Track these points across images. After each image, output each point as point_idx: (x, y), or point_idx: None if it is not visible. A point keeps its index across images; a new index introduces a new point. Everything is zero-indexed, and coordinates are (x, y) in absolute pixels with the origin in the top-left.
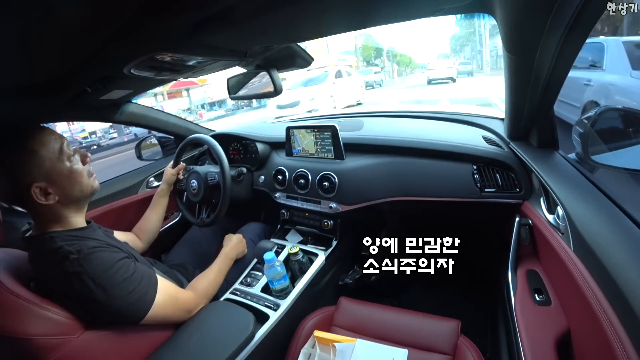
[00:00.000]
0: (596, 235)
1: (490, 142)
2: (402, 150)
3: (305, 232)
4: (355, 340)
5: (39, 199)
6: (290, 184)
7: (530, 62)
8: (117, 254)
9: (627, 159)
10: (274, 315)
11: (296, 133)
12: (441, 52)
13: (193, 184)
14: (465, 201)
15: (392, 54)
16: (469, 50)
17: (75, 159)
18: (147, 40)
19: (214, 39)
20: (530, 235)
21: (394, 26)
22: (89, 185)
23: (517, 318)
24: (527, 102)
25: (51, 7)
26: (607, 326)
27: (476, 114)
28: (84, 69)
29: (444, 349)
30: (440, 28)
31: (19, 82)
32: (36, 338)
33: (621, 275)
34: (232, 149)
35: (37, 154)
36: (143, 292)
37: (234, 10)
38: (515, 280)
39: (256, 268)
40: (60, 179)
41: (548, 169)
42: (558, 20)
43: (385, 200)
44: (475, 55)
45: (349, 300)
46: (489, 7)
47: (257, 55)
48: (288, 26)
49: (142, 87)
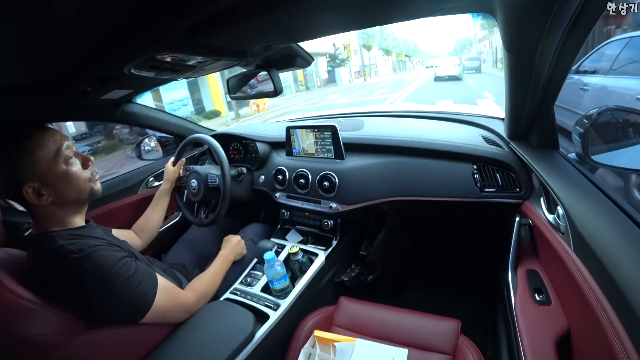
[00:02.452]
0: (596, 235)
1: (490, 142)
2: (402, 150)
3: (305, 232)
4: (355, 340)
5: (31, 199)
6: (291, 184)
7: (530, 62)
8: (118, 253)
9: (627, 159)
10: (274, 315)
11: (296, 133)
12: (450, 47)
13: (193, 184)
14: (465, 201)
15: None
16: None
17: (74, 161)
18: (147, 40)
19: (214, 39)
20: (530, 235)
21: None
22: (86, 188)
23: (517, 318)
24: (527, 102)
25: (51, 6)
26: (607, 326)
27: (476, 114)
28: (84, 69)
29: (444, 348)
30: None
31: (19, 82)
32: (36, 338)
33: (621, 275)
34: (232, 149)
35: (33, 155)
36: (144, 291)
37: (234, 10)
38: (515, 280)
39: (256, 268)
40: (55, 180)
41: (548, 169)
42: (558, 20)
43: (385, 200)
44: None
45: (349, 300)
46: (489, 7)
47: (257, 55)
48: (288, 26)
49: (142, 87)
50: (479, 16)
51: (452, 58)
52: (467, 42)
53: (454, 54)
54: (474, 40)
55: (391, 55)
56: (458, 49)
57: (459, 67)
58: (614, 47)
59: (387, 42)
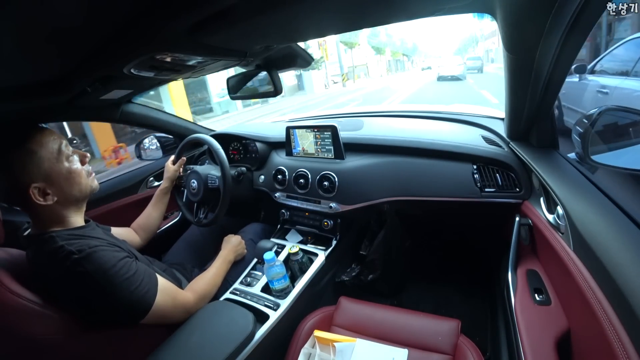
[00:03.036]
0: (596, 235)
1: (490, 142)
2: (402, 150)
3: (305, 232)
4: (355, 340)
5: (38, 199)
6: (290, 184)
7: (530, 62)
8: (118, 254)
9: (627, 159)
10: (274, 315)
11: (296, 133)
12: (455, 46)
13: (193, 184)
14: (465, 201)
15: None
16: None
17: (74, 159)
18: (147, 40)
19: (214, 39)
20: (530, 235)
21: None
22: (87, 185)
23: (517, 318)
24: (527, 102)
25: (51, 6)
26: (607, 326)
27: (476, 114)
28: (84, 69)
29: (444, 348)
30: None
31: (18, 82)
32: (36, 338)
33: (621, 275)
34: (232, 149)
35: (36, 155)
36: (144, 291)
37: (234, 10)
38: (515, 280)
39: (256, 268)
40: (59, 179)
41: (548, 169)
42: (558, 20)
43: (385, 200)
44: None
45: (349, 300)
46: (489, 7)
47: (257, 55)
48: (288, 26)
49: (142, 87)
50: (480, 16)
51: (455, 58)
52: (472, 40)
53: (458, 53)
54: (480, 37)
55: (384, 54)
56: (462, 48)
57: (462, 67)
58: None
59: (378, 38)
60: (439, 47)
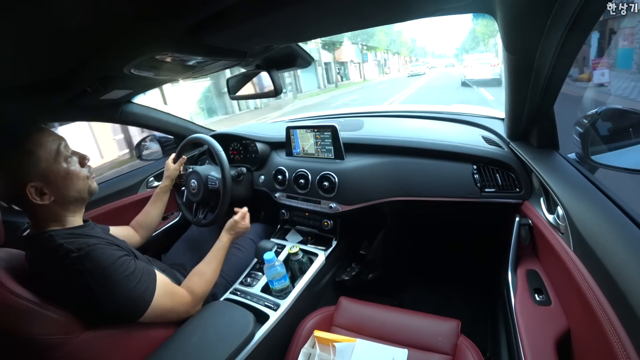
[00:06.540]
0: (596, 235)
1: (490, 142)
2: (402, 150)
3: (305, 232)
4: (355, 340)
5: (34, 198)
6: (290, 184)
7: (530, 62)
8: (117, 252)
9: (627, 159)
10: (274, 315)
11: (296, 133)
12: (458, 43)
13: (193, 184)
14: (465, 201)
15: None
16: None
17: (73, 160)
18: (147, 41)
19: (214, 39)
20: (530, 235)
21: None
22: (85, 186)
23: (517, 318)
24: (527, 102)
25: (51, 6)
26: (607, 326)
27: (476, 114)
28: (84, 69)
29: (444, 349)
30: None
31: (19, 82)
32: (36, 338)
33: (621, 275)
34: (232, 149)
35: (34, 155)
36: (143, 289)
37: (234, 10)
38: (515, 280)
39: (256, 268)
40: (56, 179)
41: (548, 169)
42: (558, 20)
43: (385, 200)
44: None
45: (349, 300)
46: (489, 7)
47: (257, 55)
48: (288, 26)
49: (142, 87)
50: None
51: (486, 55)
52: (485, 35)
53: (461, 51)
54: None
55: (387, 54)
56: (468, 46)
57: (498, 68)
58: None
59: (374, 38)
60: (442, 47)
